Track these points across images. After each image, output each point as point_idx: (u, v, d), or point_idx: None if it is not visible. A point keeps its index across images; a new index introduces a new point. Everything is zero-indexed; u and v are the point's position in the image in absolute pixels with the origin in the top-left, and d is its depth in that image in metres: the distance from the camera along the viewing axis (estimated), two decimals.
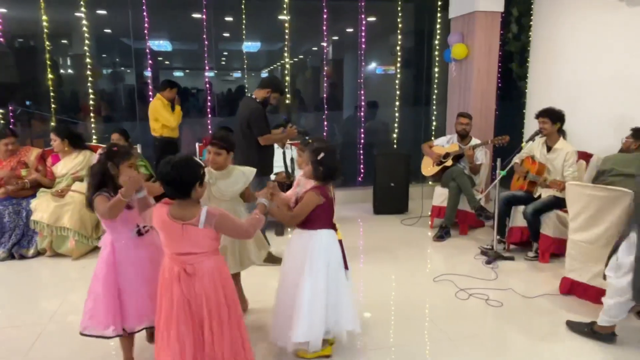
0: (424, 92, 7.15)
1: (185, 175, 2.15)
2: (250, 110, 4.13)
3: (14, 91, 4.87)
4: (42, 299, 3.71)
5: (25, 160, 4.76)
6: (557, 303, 3.51)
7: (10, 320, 3.34)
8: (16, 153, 4.75)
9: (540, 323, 3.25)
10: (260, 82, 4.33)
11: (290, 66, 6.84)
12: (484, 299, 3.56)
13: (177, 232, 2.16)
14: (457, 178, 5.00)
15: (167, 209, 2.20)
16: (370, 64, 7.50)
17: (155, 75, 6.62)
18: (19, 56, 5.20)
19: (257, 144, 4.12)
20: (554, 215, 4.19)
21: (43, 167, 4.83)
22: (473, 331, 3.14)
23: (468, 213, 5.10)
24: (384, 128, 7.29)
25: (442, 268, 4.27)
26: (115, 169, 2.51)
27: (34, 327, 3.16)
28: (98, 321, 2.50)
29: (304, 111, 7.68)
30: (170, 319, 2.21)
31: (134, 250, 2.51)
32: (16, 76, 4.66)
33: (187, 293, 2.19)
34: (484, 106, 6.07)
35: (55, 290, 3.86)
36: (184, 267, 2.18)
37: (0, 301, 3.71)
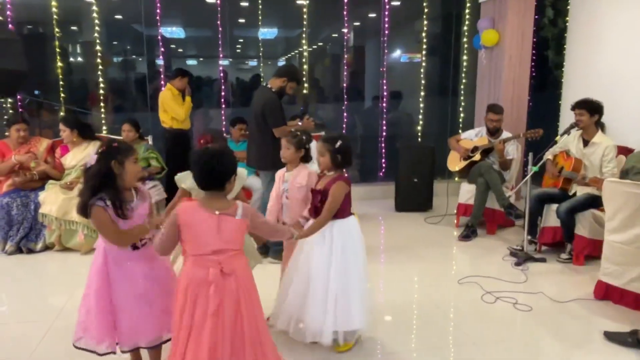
0: (451, 81, 7.09)
1: (224, 164, 2.16)
2: (265, 100, 4.17)
3: (23, 80, 4.98)
4: (49, 295, 3.82)
5: (34, 150, 4.89)
6: (591, 309, 3.47)
7: (18, 316, 3.45)
8: (27, 142, 4.88)
9: (572, 330, 3.21)
10: (277, 70, 4.37)
11: (308, 54, 6.86)
12: (512, 303, 3.53)
13: (212, 224, 2.13)
14: (485, 174, 4.96)
15: (196, 203, 2.19)
16: (394, 52, 7.47)
17: (167, 64, 6.70)
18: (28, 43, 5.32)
19: (272, 136, 4.15)
20: (590, 215, 4.13)
21: (52, 159, 4.94)
22: (499, 336, 3.13)
23: (496, 211, 5.06)
24: (408, 120, 7.27)
25: (467, 270, 4.25)
26: (120, 167, 2.35)
27: (42, 323, 3.26)
28: (91, 335, 2.46)
29: (322, 102, 7.69)
30: (202, 330, 2.13)
31: (129, 263, 2.40)
32: (25, 64, 4.76)
33: (223, 296, 2.14)
34: (515, 97, 6.00)
35: (63, 286, 3.96)
36: (220, 267, 2.13)
37: (8, 296, 3.83)
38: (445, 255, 4.63)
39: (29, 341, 3.05)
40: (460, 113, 6.95)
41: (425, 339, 3.09)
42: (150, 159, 5.18)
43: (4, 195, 4.63)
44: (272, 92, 4.24)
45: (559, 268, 4.24)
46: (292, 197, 3.07)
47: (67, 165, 4.90)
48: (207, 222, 2.14)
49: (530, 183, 4.32)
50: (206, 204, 2.17)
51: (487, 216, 5.14)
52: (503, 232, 5.21)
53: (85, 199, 2.31)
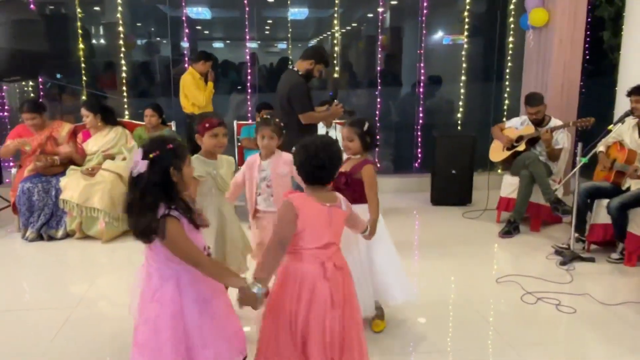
0: (496, 65, 7.01)
1: (335, 158, 2.20)
2: (292, 84, 4.21)
3: (44, 62, 5.18)
4: (70, 283, 3.99)
5: (55, 135, 5.08)
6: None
7: (39, 303, 3.63)
8: (42, 128, 5.06)
9: (620, 335, 3.18)
10: (303, 52, 4.40)
11: (341, 36, 6.88)
12: (555, 304, 3.51)
13: (325, 217, 2.16)
14: (530, 165, 4.91)
15: (304, 194, 2.20)
16: (433, 33, 7.42)
17: (192, 47, 6.83)
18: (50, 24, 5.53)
19: (299, 123, 4.20)
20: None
21: (74, 144, 5.14)
22: (539, 339, 3.12)
23: (542, 206, 5.00)
24: (447, 107, 7.23)
25: (507, 268, 4.24)
26: (179, 174, 1.99)
27: (62, 311, 3.41)
28: None
29: (355, 87, 7.71)
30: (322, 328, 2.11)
31: (201, 282, 2.05)
32: (46, 45, 4.95)
33: (334, 291, 2.13)
34: (566, 82, 5.90)
35: (83, 274, 4.14)
36: (332, 261, 2.15)
37: (29, 283, 4.03)
38: (484, 252, 4.61)
39: (49, 329, 3.21)
40: (505, 100, 6.87)
41: (461, 341, 3.11)
42: None
43: (25, 180, 4.85)
44: (299, 75, 4.28)
45: (609, 269, 4.17)
46: (277, 186, 3.07)
47: (88, 151, 5.09)
48: (321, 214, 2.15)
49: (579, 176, 4.26)
50: (314, 195, 2.18)
51: (531, 211, 5.08)
52: (548, 229, 5.15)
53: (149, 218, 1.91)
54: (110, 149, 5.08)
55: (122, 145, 5.11)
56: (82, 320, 3.34)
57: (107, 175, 4.81)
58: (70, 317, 3.35)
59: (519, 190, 4.99)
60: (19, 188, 4.80)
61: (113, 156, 5.05)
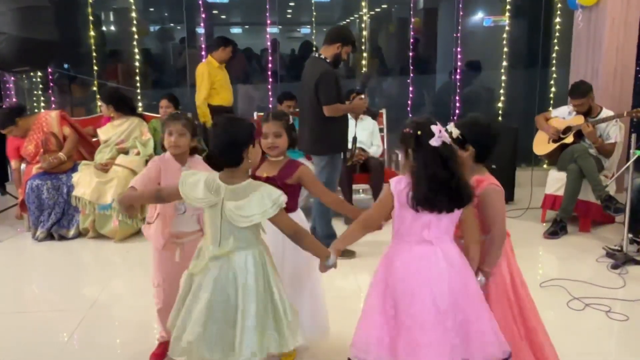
0: (541, 49, 6.96)
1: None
2: (320, 73, 4.20)
3: (55, 51, 5.34)
4: (83, 285, 4.14)
5: (47, 128, 5.18)
6: None
7: (51, 304, 3.78)
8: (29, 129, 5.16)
9: None
10: (326, 36, 4.41)
11: (369, 19, 6.90)
12: (605, 311, 3.51)
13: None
14: (579, 159, 4.89)
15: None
16: (472, 14, 7.40)
17: (209, 33, 6.93)
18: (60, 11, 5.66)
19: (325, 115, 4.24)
20: None
21: (70, 129, 5.24)
22: (588, 348, 3.13)
23: (592, 204, 4.98)
24: (487, 95, 7.21)
25: (553, 272, 4.24)
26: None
27: (75, 314, 3.55)
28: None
29: (385, 74, 7.74)
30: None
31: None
32: (56, 34, 5.10)
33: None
34: (619, 68, 5.84)
35: (96, 275, 4.30)
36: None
37: (40, 284, 4.19)
38: (528, 254, 4.61)
39: (62, 331, 3.34)
40: (551, 87, 6.81)
41: None
42: None
43: (34, 177, 5.02)
44: (327, 62, 4.29)
45: None
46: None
47: (100, 138, 5.26)
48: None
49: (634, 170, 4.23)
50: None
51: (579, 210, 5.06)
52: (599, 229, 5.13)
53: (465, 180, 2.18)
54: (124, 141, 5.22)
55: (135, 138, 5.24)
56: (95, 322, 3.47)
57: (120, 171, 4.96)
58: (83, 319, 3.48)
59: (566, 187, 4.97)
60: (27, 186, 4.98)
61: (127, 150, 5.19)
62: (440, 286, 2.15)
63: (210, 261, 2.27)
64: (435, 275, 2.16)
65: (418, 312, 2.14)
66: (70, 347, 3.18)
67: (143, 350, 3.12)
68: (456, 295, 2.16)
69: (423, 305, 2.14)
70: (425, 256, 2.19)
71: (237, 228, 2.24)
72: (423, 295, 2.14)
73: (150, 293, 3.97)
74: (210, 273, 2.27)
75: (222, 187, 2.25)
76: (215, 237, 2.28)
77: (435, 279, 2.16)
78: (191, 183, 2.30)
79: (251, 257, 2.29)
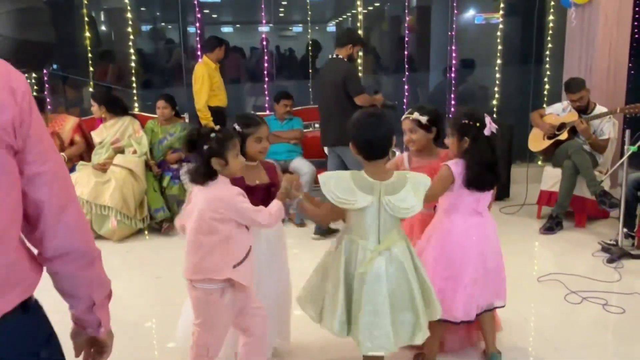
0: (535, 46, 7.03)
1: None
2: (345, 70, 4.73)
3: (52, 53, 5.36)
4: None
5: (59, 130, 5.27)
6: None
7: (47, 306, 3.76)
8: (52, 121, 5.27)
9: None
10: (337, 39, 5.03)
11: (363, 17, 6.96)
12: (601, 304, 3.59)
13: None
14: (573, 155, 4.96)
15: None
16: (466, 12, 7.47)
17: (201, 32, 6.95)
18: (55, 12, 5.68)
19: (353, 108, 4.41)
20: None
21: (81, 139, 5.33)
22: (585, 341, 3.21)
23: (587, 200, 5.06)
24: (481, 93, 7.28)
25: (550, 267, 4.31)
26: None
27: None
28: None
29: (379, 72, 7.80)
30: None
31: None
32: (53, 35, 5.13)
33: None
34: (612, 64, 5.90)
35: None
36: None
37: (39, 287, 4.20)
38: (524, 250, 4.69)
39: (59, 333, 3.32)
40: (545, 84, 6.88)
41: (500, 342, 3.18)
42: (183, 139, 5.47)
43: None
44: (346, 61, 4.82)
45: None
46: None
47: (94, 140, 5.29)
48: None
49: (628, 166, 4.31)
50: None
51: (575, 205, 5.14)
52: (594, 224, 5.21)
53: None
54: (119, 140, 5.25)
55: (129, 137, 5.28)
56: None
57: (118, 171, 4.99)
58: None
59: (561, 183, 5.05)
60: None
61: (123, 149, 5.23)
62: (489, 248, 2.74)
63: (374, 256, 2.34)
64: (484, 240, 2.73)
65: (473, 270, 2.66)
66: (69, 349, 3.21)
67: (142, 349, 3.18)
68: (497, 254, 2.79)
69: (477, 264, 2.68)
70: (479, 225, 2.72)
71: (396, 221, 2.39)
72: (476, 256, 2.69)
73: (149, 293, 4.04)
74: (377, 267, 2.33)
75: (376, 184, 2.33)
76: (374, 233, 2.36)
77: (485, 243, 2.73)
78: (342, 189, 2.32)
79: (406, 246, 2.43)
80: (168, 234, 5.10)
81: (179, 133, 5.41)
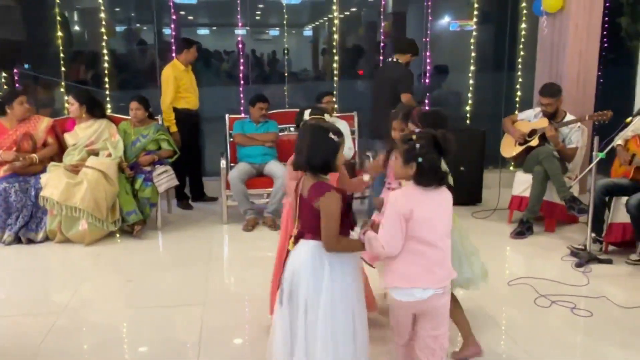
0: (507, 53, 7.12)
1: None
2: (401, 73, 5.36)
3: (22, 51, 5.29)
4: (53, 289, 4.11)
5: (32, 131, 5.17)
6: None
7: (21, 310, 3.73)
8: (28, 119, 5.19)
9: (638, 338, 3.31)
10: (399, 46, 5.57)
11: (339, 21, 6.98)
12: (570, 308, 3.65)
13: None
14: (544, 161, 5.02)
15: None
16: (440, 19, 7.54)
17: (176, 34, 6.89)
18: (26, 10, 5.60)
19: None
20: None
21: (54, 140, 5.24)
22: (554, 344, 3.25)
23: (556, 205, 5.13)
24: (455, 99, 7.34)
25: (520, 270, 4.37)
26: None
27: (45, 320, 3.51)
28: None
29: (355, 77, 7.81)
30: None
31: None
32: (24, 34, 5.06)
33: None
34: (582, 72, 6.01)
35: (67, 280, 4.24)
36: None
37: (9, 289, 4.14)
38: (496, 254, 4.74)
39: (33, 337, 3.30)
40: (517, 91, 6.96)
41: None
42: (161, 142, 5.42)
43: (1, 180, 4.94)
44: (404, 65, 5.45)
45: (628, 271, 4.31)
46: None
47: (67, 143, 5.20)
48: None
49: (596, 172, 4.38)
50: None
51: (545, 210, 5.20)
52: (564, 229, 5.29)
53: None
54: (93, 143, 5.18)
55: (105, 140, 5.21)
56: (67, 328, 3.44)
57: (90, 173, 4.90)
58: (54, 325, 3.46)
59: (532, 188, 5.11)
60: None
61: (97, 152, 5.16)
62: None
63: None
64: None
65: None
66: (43, 352, 3.16)
67: (115, 354, 3.14)
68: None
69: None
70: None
71: None
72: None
73: (121, 296, 3.99)
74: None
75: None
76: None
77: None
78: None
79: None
80: (140, 237, 5.04)
81: (152, 135, 5.35)
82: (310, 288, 2.37)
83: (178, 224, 5.54)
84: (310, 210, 2.36)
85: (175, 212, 5.91)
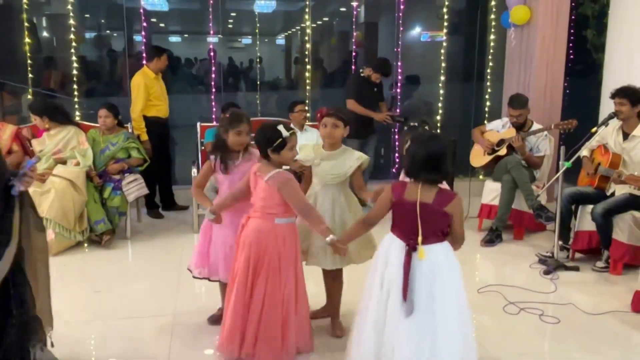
0: (476, 64, 7.24)
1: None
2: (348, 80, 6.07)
3: None
4: None
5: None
6: (628, 322, 3.63)
7: None
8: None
9: (605, 344, 3.38)
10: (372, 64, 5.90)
11: (312, 31, 7.01)
12: (538, 315, 3.70)
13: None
14: (512, 170, 5.11)
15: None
16: (411, 30, 7.62)
17: (147, 41, 6.84)
18: None
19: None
20: (630, 218, 4.29)
21: (19, 147, 5.13)
22: (522, 350, 3.30)
23: (525, 213, 5.21)
24: (426, 108, 7.41)
25: (489, 278, 4.43)
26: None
27: None
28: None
29: (327, 86, 7.85)
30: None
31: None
32: None
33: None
34: (549, 83, 6.14)
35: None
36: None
37: None
38: (465, 261, 4.62)
39: None
40: (486, 101, 7.07)
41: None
42: (131, 150, 5.35)
43: None
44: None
45: (594, 278, 4.40)
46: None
47: (35, 148, 5.11)
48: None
49: (563, 181, 4.47)
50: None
51: (513, 219, 5.28)
52: (532, 236, 5.37)
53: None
54: (61, 151, 5.09)
55: (73, 148, 5.12)
56: None
57: (57, 182, 4.80)
58: None
59: (501, 197, 5.19)
60: None
61: (65, 160, 5.07)
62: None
63: None
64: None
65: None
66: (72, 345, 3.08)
67: None
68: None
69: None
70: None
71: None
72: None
73: (88, 307, 3.92)
74: None
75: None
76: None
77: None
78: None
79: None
80: (108, 246, 4.96)
81: (122, 143, 5.28)
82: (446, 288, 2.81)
83: (148, 234, 5.46)
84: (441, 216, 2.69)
85: (145, 221, 5.82)
